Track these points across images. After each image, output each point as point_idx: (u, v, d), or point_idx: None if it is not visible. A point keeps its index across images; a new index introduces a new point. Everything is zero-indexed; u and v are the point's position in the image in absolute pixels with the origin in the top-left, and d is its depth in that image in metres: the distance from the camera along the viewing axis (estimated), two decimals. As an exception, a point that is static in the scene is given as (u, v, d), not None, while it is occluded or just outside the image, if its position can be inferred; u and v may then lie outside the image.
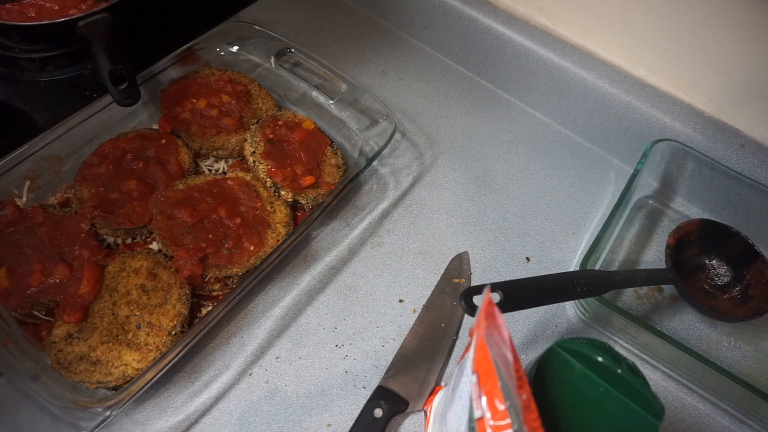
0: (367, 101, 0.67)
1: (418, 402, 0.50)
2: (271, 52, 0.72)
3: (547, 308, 0.59)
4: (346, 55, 0.81)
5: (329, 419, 0.50)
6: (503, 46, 0.75)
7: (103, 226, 0.55)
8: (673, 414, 0.53)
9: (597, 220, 0.67)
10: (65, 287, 0.51)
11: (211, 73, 0.68)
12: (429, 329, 0.55)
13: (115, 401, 0.43)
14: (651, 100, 0.68)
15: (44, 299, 0.50)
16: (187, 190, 0.58)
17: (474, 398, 0.31)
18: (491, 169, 0.71)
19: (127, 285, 0.51)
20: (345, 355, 0.54)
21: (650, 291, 0.61)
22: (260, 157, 0.61)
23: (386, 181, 0.68)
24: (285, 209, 0.60)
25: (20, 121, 0.67)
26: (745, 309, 0.57)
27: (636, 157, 0.64)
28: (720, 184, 0.64)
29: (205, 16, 0.83)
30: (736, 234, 0.59)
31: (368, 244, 0.62)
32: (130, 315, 0.50)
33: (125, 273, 0.52)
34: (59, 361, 0.47)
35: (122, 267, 0.52)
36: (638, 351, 0.56)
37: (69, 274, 0.51)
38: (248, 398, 0.51)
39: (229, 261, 0.54)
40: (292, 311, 0.57)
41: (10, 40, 0.73)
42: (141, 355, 0.48)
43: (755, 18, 0.57)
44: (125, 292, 0.51)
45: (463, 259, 0.60)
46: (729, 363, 0.57)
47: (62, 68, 0.73)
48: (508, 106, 0.78)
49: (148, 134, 0.62)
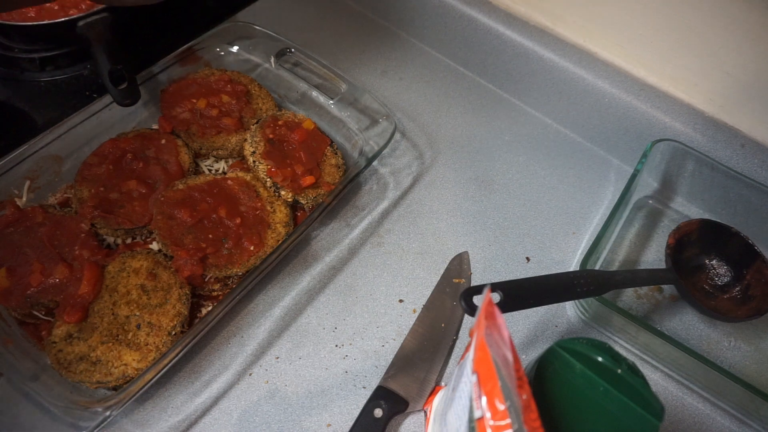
0: (367, 101, 0.67)
1: (418, 402, 0.50)
2: (271, 52, 0.72)
3: (547, 308, 0.59)
4: (346, 55, 0.81)
5: (329, 419, 0.50)
6: (503, 46, 0.75)
7: (103, 226, 0.55)
8: (673, 414, 0.53)
9: (597, 220, 0.67)
10: (65, 287, 0.51)
11: (211, 73, 0.68)
12: (429, 329, 0.55)
13: (115, 401, 0.43)
14: (651, 100, 0.68)
15: (44, 299, 0.50)
16: (187, 190, 0.58)
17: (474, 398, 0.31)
18: (491, 169, 0.71)
19: (127, 285, 0.51)
20: (345, 355, 0.54)
21: (650, 291, 0.61)
22: (260, 157, 0.61)
23: (386, 181, 0.68)
24: (285, 209, 0.60)
25: (20, 121, 0.67)
26: (745, 309, 0.57)
27: (636, 157, 0.64)
28: (720, 184, 0.64)
29: (205, 16, 0.83)
30: (736, 234, 0.59)
31: (368, 244, 0.62)
32: (130, 315, 0.50)
33: (125, 273, 0.52)
34: (59, 361, 0.47)
35: (122, 267, 0.52)
36: (638, 351, 0.56)
37: (69, 274, 0.51)
38: (248, 398, 0.51)
39: (229, 261, 0.54)
40: (292, 311, 0.57)
41: (10, 40, 0.73)
42: (141, 355, 0.48)
43: (755, 18, 0.57)
44: (125, 292, 0.51)
45: (463, 259, 0.60)
46: (729, 363, 0.57)
47: (62, 68, 0.73)
48: (508, 106, 0.78)
49: (148, 134, 0.62)
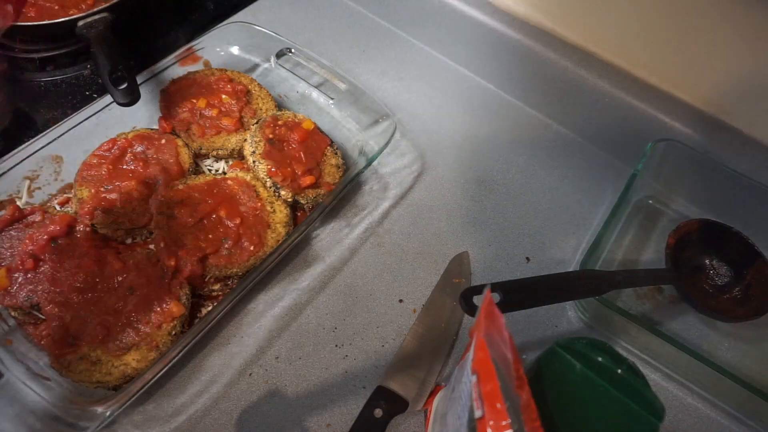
0: (367, 101, 0.67)
1: (418, 402, 0.50)
2: (271, 52, 0.72)
3: (547, 308, 0.59)
4: (346, 55, 0.81)
5: (329, 419, 0.50)
6: (504, 47, 0.75)
7: (103, 226, 0.55)
8: (673, 414, 0.53)
9: (597, 220, 0.67)
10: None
11: (211, 73, 0.68)
12: (429, 329, 0.55)
13: (115, 401, 0.43)
14: (651, 100, 0.68)
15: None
16: (187, 190, 0.58)
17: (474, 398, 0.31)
18: (491, 169, 0.71)
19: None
20: (345, 355, 0.54)
21: (650, 291, 0.61)
22: (260, 157, 0.61)
23: (386, 181, 0.68)
24: (285, 209, 0.60)
25: (20, 121, 0.67)
26: (745, 309, 0.57)
27: (636, 157, 0.64)
28: (720, 184, 0.64)
29: (205, 16, 0.83)
30: (736, 234, 0.59)
31: (368, 244, 0.62)
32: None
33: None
34: (59, 361, 0.47)
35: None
36: (638, 351, 0.56)
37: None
38: (248, 398, 0.51)
39: (229, 261, 0.54)
40: (292, 311, 0.57)
41: (10, 40, 0.73)
42: (141, 355, 0.48)
43: (755, 18, 0.57)
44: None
45: (463, 259, 0.60)
46: (729, 363, 0.57)
47: (62, 68, 0.73)
48: (508, 106, 0.78)
49: (148, 134, 0.62)
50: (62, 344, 0.47)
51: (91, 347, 0.47)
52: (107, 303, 0.49)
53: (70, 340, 0.47)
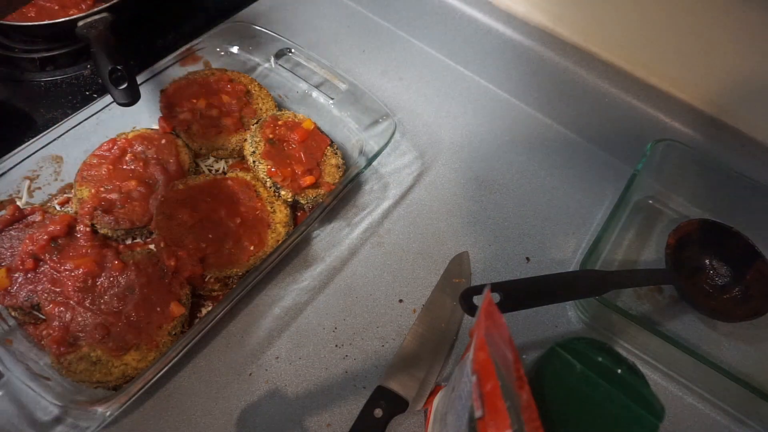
0: (367, 101, 0.67)
1: (418, 402, 0.50)
2: (271, 52, 0.72)
3: (547, 308, 0.59)
4: (346, 55, 0.81)
5: (329, 419, 0.50)
6: (503, 46, 0.75)
7: (103, 226, 0.55)
8: (673, 414, 0.53)
9: (597, 220, 0.67)
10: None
11: (211, 73, 0.68)
12: (429, 329, 0.55)
13: (115, 401, 0.43)
14: (651, 100, 0.68)
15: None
16: (187, 190, 0.58)
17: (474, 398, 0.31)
18: (491, 169, 0.71)
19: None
20: (345, 355, 0.54)
21: (650, 291, 0.61)
22: (260, 157, 0.61)
23: (386, 181, 0.68)
24: (285, 209, 0.60)
25: (20, 121, 0.67)
26: (745, 309, 0.57)
27: (636, 157, 0.64)
28: (720, 184, 0.64)
29: (205, 16, 0.83)
30: (736, 234, 0.59)
31: (368, 244, 0.62)
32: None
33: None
34: (59, 361, 0.47)
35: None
36: (638, 351, 0.56)
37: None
38: (248, 398, 0.51)
39: (229, 261, 0.54)
40: (292, 311, 0.57)
41: (10, 40, 0.73)
42: (141, 355, 0.48)
43: (755, 18, 0.57)
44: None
45: (463, 259, 0.60)
46: (729, 363, 0.57)
47: (62, 68, 0.73)
48: (508, 106, 0.78)
49: (148, 134, 0.62)
50: (62, 344, 0.47)
51: (91, 347, 0.47)
52: (107, 303, 0.49)
53: (70, 340, 0.47)
